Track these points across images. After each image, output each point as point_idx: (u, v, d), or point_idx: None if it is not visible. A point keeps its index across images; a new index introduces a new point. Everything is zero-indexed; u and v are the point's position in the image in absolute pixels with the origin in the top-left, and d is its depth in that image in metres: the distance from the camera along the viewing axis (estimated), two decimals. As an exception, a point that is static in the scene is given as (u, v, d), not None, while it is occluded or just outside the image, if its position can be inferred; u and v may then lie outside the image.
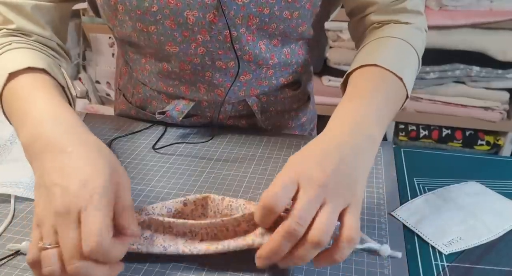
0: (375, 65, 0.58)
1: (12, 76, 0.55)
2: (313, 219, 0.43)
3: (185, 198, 0.52)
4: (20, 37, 0.65)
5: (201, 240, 0.48)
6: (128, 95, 0.84)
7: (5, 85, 0.56)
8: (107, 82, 2.11)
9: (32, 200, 0.59)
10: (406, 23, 0.68)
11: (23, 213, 0.57)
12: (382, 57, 0.60)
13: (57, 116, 0.49)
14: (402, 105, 0.61)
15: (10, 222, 0.55)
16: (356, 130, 0.49)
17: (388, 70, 0.58)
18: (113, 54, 2.04)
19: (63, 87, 0.60)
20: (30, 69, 0.56)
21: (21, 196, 0.59)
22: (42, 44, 0.67)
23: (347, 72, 0.62)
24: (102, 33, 2.00)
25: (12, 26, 0.65)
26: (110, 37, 2.00)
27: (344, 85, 0.62)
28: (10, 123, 0.57)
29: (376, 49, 0.63)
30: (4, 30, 0.65)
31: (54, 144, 0.46)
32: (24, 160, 0.67)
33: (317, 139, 0.49)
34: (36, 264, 0.42)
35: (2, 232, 0.54)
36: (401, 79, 0.58)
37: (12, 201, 0.59)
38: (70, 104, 0.61)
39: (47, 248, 0.41)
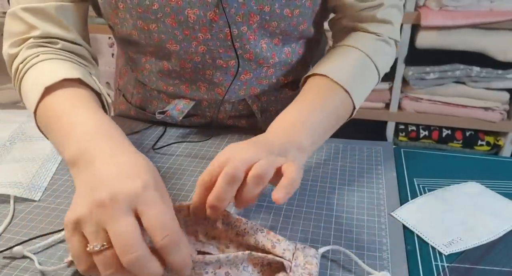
0: (325, 76, 0.62)
1: (48, 90, 0.54)
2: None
3: (180, 204, 0.50)
4: (47, 47, 0.62)
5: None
6: (128, 95, 0.84)
7: (40, 99, 0.54)
8: (107, 82, 2.11)
9: (31, 200, 0.59)
10: (375, 33, 0.68)
11: (22, 213, 0.57)
12: (335, 69, 0.64)
13: (101, 131, 0.49)
14: (350, 116, 0.66)
15: (10, 222, 0.55)
16: (288, 137, 0.54)
17: (337, 83, 0.62)
18: (112, 54, 2.04)
19: (98, 94, 0.59)
20: (65, 81, 0.55)
21: (20, 196, 0.59)
22: (69, 51, 0.64)
23: (304, 76, 0.66)
24: (102, 34, 2.00)
25: (37, 33, 0.62)
26: (109, 37, 2.00)
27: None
28: (46, 137, 0.57)
29: (333, 59, 0.66)
30: (31, 40, 0.62)
31: (103, 154, 0.45)
32: (23, 160, 0.67)
33: (251, 139, 0.53)
34: (91, 270, 0.40)
35: (2, 233, 0.53)
36: (348, 92, 0.62)
37: (12, 201, 0.58)
38: (105, 110, 0.60)
39: (101, 251, 0.39)
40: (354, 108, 0.64)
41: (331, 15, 0.76)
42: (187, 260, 0.41)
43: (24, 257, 0.50)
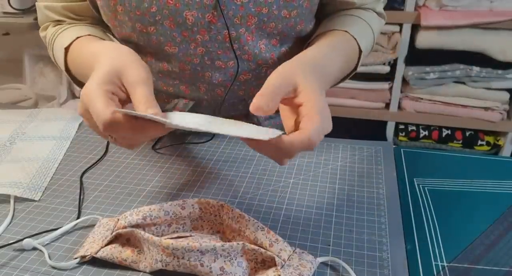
0: (346, 31, 0.66)
1: (66, 49, 0.67)
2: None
3: (184, 201, 0.52)
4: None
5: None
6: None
7: (65, 57, 0.67)
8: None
9: (31, 200, 0.59)
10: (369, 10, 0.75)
11: (22, 213, 0.57)
12: (352, 28, 0.67)
13: (104, 47, 0.58)
14: (344, 79, 0.70)
15: (10, 222, 0.55)
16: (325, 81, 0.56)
17: (355, 40, 0.66)
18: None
19: None
20: (79, 38, 0.66)
21: (21, 196, 0.59)
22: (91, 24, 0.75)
23: (317, 34, 0.69)
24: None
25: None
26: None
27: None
28: (77, 82, 0.71)
29: (347, 21, 0.70)
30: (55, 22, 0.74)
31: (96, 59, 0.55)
32: (23, 160, 0.67)
33: (314, 67, 0.54)
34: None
35: (2, 233, 0.53)
36: (360, 52, 0.68)
37: (12, 201, 0.58)
38: None
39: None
40: (355, 68, 0.69)
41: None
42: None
43: (33, 249, 0.51)
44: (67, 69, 0.69)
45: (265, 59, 0.70)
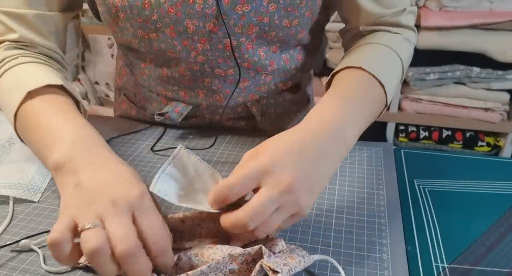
0: (360, 68, 0.59)
1: (30, 94, 0.55)
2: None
3: (183, 215, 0.50)
4: (24, 49, 0.64)
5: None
6: (128, 94, 0.84)
7: (22, 102, 0.55)
8: (106, 83, 2.11)
9: (30, 201, 0.59)
10: (396, 33, 0.69)
11: (21, 214, 0.57)
12: (368, 61, 0.61)
13: (84, 138, 0.51)
14: (381, 113, 0.62)
15: (9, 224, 0.55)
16: (334, 134, 0.50)
17: (373, 76, 0.59)
18: (112, 55, 2.04)
19: (77, 102, 0.60)
20: (48, 87, 0.56)
21: (20, 197, 0.59)
22: (47, 56, 0.66)
23: (333, 72, 0.62)
24: (101, 34, 2.00)
25: (15, 36, 0.63)
26: (109, 38, 2.00)
27: (329, 84, 0.62)
28: (21, 140, 0.58)
29: (364, 53, 0.64)
30: (7, 43, 0.63)
31: (89, 162, 0.47)
32: (22, 161, 0.67)
33: (294, 133, 0.49)
34: (58, 245, 0.41)
35: (1, 234, 0.53)
36: (383, 86, 0.59)
37: (11, 203, 0.58)
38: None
39: (90, 228, 0.40)
40: (386, 104, 0.62)
41: (333, 24, 0.75)
42: (171, 264, 0.44)
43: (31, 250, 0.50)
44: (15, 115, 0.56)
45: (264, 66, 0.70)
